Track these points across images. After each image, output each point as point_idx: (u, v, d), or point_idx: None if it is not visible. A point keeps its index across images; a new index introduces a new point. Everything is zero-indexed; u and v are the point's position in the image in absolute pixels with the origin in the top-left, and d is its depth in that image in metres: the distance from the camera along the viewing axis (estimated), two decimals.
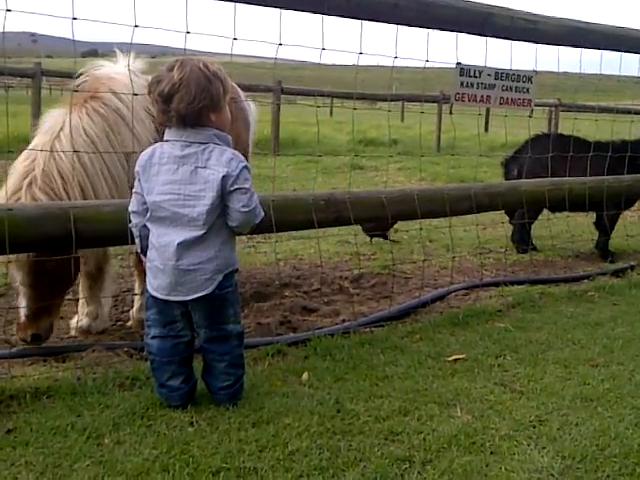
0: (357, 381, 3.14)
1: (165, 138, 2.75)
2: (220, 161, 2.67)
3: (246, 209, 2.71)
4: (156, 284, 2.74)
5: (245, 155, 4.30)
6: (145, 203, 2.75)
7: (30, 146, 3.37)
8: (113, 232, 3.11)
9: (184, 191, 2.66)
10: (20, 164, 3.28)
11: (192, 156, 2.67)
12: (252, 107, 4.66)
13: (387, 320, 4.12)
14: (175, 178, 2.67)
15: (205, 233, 2.68)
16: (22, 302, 3.26)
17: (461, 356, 3.49)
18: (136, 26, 3.14)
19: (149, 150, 2.77)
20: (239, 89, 4.55)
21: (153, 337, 2.81)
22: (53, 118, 3.45)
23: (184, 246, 2.67)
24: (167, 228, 2.69)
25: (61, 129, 3.35)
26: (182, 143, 2.69)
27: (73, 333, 3.86)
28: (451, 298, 4.71)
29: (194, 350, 2.90)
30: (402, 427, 2.69)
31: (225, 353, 2.85)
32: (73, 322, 3.92)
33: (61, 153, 3.27)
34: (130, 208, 2.83)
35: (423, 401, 2.94)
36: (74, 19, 3.02)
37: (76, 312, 3.95)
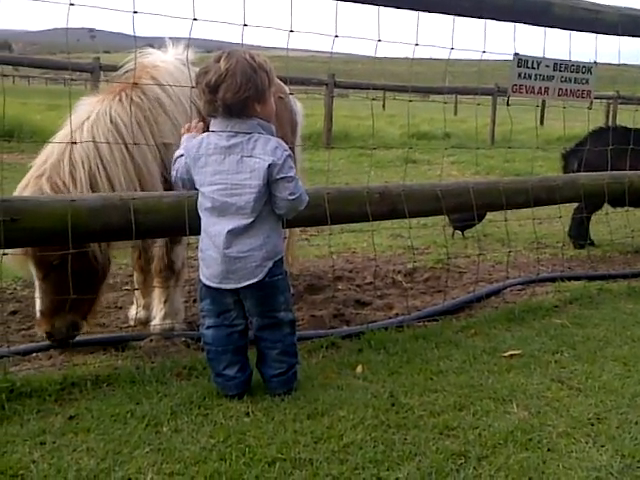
0: (411, 375, 3.13)
1: (211, 129, 2.80)
2: (265, 150, 2.73)
3: (293, 197, 2.77)
4: (209, 273, 2.80)
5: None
6: (191, 181, 2.85)
7: (54, 138, 3.36)
8: (172, 223, 3.14)
9: (231, 180, 2.72)
10: (39, 157, 3.32)
11: (238, 146, 2.74)
12: (298, 105, 4.61)
13: (441, 314, 4.10)
14: (222, 168, 2.74)
15: (253, 221, 2.74)
16: (37, 296, 3.22)
17: (517, 352, 3.45)
18: (195, 19, 3.16)
19: (196, 141, 2.82)
20: (285, 87, 4.53)
21: (208, 327, 2.87)
22: (84, 107, 3.43)
23: (233, 234, 2.73)
24: (217, 218, 2.76)
25: (87, 119, 3.33)
26: (228, 133, 2.75)
27: (132, 323, 3.93)
28: (506, 293, 4.65)
29: (248, 340, 2.94)
30: (457, 422, 2.67)
31: (277, 341, 2.89)
32: (131, 313, 3.99)
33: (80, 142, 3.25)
34: (177, 172, 2.91)
35: (478, 396, 2.91)
36: (135, 12, 3.07)
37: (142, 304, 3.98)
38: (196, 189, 2.85)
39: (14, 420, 2.58)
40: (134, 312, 3.97)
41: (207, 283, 2.81)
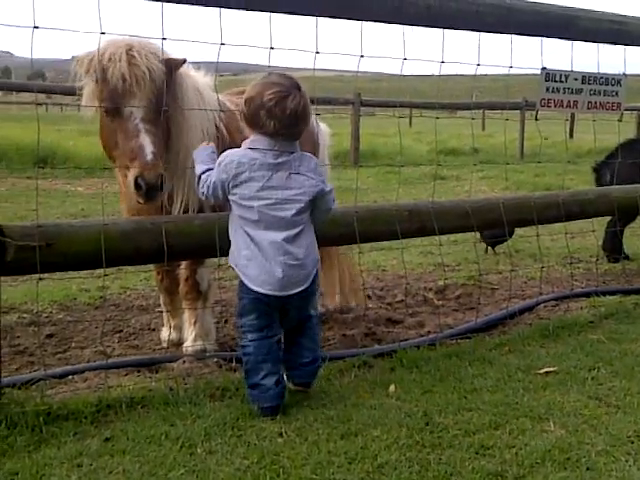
0: (445, 394, 3.10)
1: (253, 146, 2.88)
2: (310, 168, 2.94)
3: (330, 208, 3.09)
4: (263, 283, 2.86)
5: None
6: (224, 194, 2.92)
7: None
8: (203, 245, 3.17)
9: (280, 196, 2.86)
10: None
11: (286, 163, 2.88)
12: (323, 128, 4.60)
13: (474, 332, 4.06)
14: (270, 184, 2.85)
15: (301, 231, 2.91)
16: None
17: (552, 369, 3.40)
18: (222, 44, 3.20)
19: (234, 156, 2.88)
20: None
21: (251, 340, 2.93)
22: None
23: (287, 242, 2.87)
24: (264, 230, 2.86)
25: None
26: (274, 152, 2.86)
27: (165, 345, 3.95)
28: (540, 309, 4.60)
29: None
30: (493, 441, 2.64)
31: (308, 328, 3.07)
32: (164, 335, 4.02)
33: None
34: (209, 189, 2.95)
35: (514, 415, 2.88)
36: (164, 39, 3.12)
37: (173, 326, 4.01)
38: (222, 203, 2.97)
39: (51, 443, 2.60)
40: (166, 334, 3.99)
41: (262, 291, 2.87)
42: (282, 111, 2.82)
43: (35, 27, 2.77)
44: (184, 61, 3.35)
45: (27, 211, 7.85)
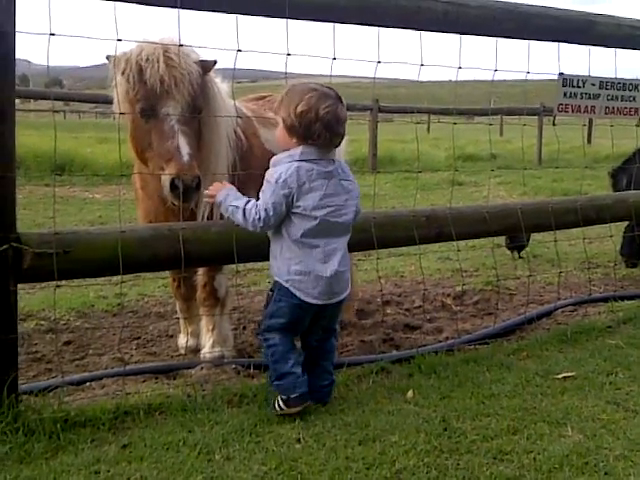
0: (463, 399, 3.09)
1: (305, 157, 2.90)
2: (349, 173, 3.06)
3: (360, 210, 3.16)
4: (316, 292, 2.92)
5: None
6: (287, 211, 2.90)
7: None
8: (220, 252, 3.18)
9: (337, 202, 2.94)
10: None
11: (335, 171, 2.97)
12: None
13: (492, 337, 4.04)
14: (328, 192, 2.92)
15: (349, 236, 3.04)
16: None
17: (570, 374, 3.38)
18: (239, 50, 3.21)
19: (289, 170, 2.88)
20: None
21: (275, 337, 2.97)
22: None
23: (342, 251, 2.98)
24: (321, 238, 2.91)
25: None
26: (325, 161, 2.94)
27: (182, 352, 3.96)
28: (558, 314, 4.58)
29: None
30: (511, 446, 2.62)
31: (331, 351, 3.15)
32: (181, 341, 4.03)
33: None
34: (267, 212, 2.88)
35: (532, 420, 2.86)
36: (180, 46, 3.14)
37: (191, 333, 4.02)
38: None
39: (69, 450, 2.61)
40: (184, 340, 4.00)
41: (312, 302, 2.91)
42: (337, 123, 2.92)
43: (51, 34, 2.80)
44: (215, 62, 3.37)
45: (45, 219, 7.91)
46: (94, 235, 3.01)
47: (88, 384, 3.37)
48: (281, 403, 2.89)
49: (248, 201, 2.94)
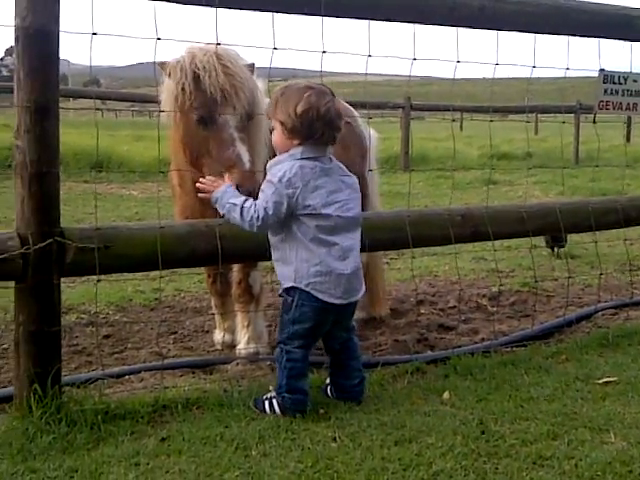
0: (501, 402, 3.05)
1: (306, 155, 2.88)
2: (344, 169, 3.03)
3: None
4: (338, 292, 2.89)
5: (360, 180, 4.27)
6: (288, 210, 2.86)
7: None
8: (256, 248, 3.18)
9: (342, 197, 2.92)
10: None
11: (334, 167, 2.97)
12: (369, 130, 4.55)
13: (530, 340, 3.99)
14: (332, 188, 2.91)
15: (356, 241, 3.00)
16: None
17: (612, 379, 3.32)
18: (275, 48, 3.21)
19: (293, 169, 2.84)
20: (354, 111, 4.50)
21: (299, 347, 2.94)
22: None
23: (357, 244, 2.98)
24: (337, 235, 2.89)
25: None
26: (325, 158, 2.93)
27: (218, 347, 3.98)
28: (598, 317, 4.49)
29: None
30: (551, 452, 2.59)
31: (356, 349, 3.12)
32: (217, 337, 4.05)
33: None
34: (266, 210, 2.84)
35: (573, 425, 2.82)
36: (218, 44, 3.14)
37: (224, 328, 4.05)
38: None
39: (109, 441, 2.65)
40: (220, 336, 4.03)
41: (336, 302, 2.90)
42: (338, 118, 2.93)
43: (94, 34, 2.84)
44: (253, 65, 3.40)
45: (84, 214, 8.01)
46: (134, 231, 3.05)
47: (127, 377, 3.41)
48: (277, 408, 2.90)
49: (246, 199, 2.92)
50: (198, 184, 3.10)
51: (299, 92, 2.89)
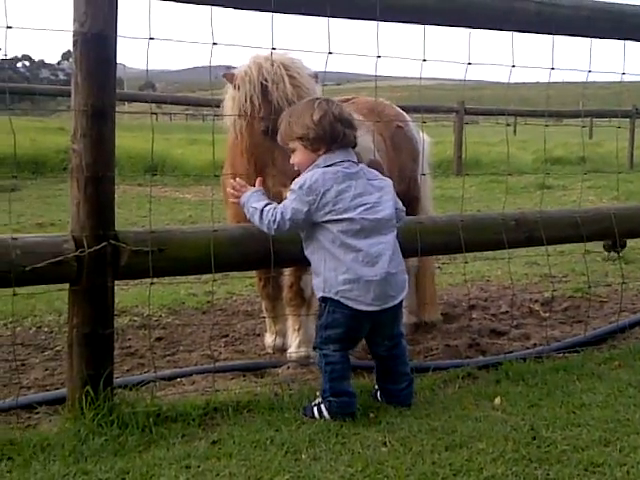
0: (552, 408, 3.02)
1: (329, 162, 2.93)
2: (374, 174, 3.04)
3: (404, 209, 3.17)
4: (369, 298, 2.87)
5: (411, 183, 4.29)
6: (307, 218, 2.90)
7: None
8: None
9: (369, 200, 2.91)
10: None
11: (359, 172, 2.97)
12: (421, 134, 4.52)
13: (582, 345, 3.94)
14: (358, 191, 2.90)
15: (394, 238, 2.97)
16: None
17: None
18: (330, 53, 3.23)
19: (314, 176, 2.89)
20: (406, 115, 4.50)
21: (335, 351, 2.96)
22: None
23: (390, 250, 2.92)
24: (365, 239, 2.88)
25: None
26: (349, 162, 2.96)
27: (269, 351, 4.02)
28: None
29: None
30: (603, 458, 2.55)
31: (403, 355, 3.10)
32: (268, 340, 4.08)
33: None
34: (284, 215, 2.90)
35: (625, 432, 2.77)
36: (273, 49, 3.17)
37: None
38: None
39: (160, 444, 2.68)
40: (270, 340, 4.06)
41: (367, 309, 2.88)
42: (351, 118, 3.03)
43: (151, 38, 2.90)
44: (317, 74, 3.44)
45: (138, 217, 8.15)
46: (187, 234, 3.10)
47: (179, 380, 3.46)
48: (325, 413, 2.90)
49: (268, 203, 2.96)
50: (228, 189, 3.14)
51: (307, 105, 2.99)
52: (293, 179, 3.04)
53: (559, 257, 6.24)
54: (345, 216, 2.86)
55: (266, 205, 2.95)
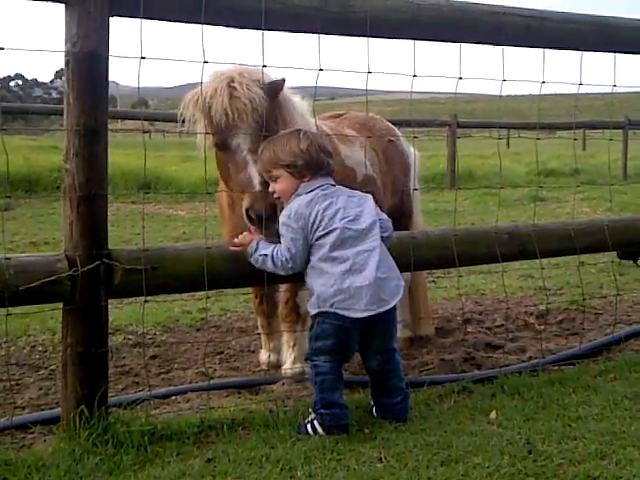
0: (548, 421, 3.01)
1: (308, 189, 3.00)
2: (353, 192, 3.12)
3: (390, 226, 3.18)
4: (362, 305, 2.89)
5: (403, 198, 4.33)
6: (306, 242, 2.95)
7: None
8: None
9: (351, 212, 2.98)
10: None
11: (338, 191, 3.05)
12: (411, 148, 4.51)
13: (578, 358, 3.94)
14: (339, 206, 2.97)
15: (379, 248, 2.98)
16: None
17: None
18: (321, 70, 3.25)
19: (295, 203, 2.97)
20: (396, 130, 4.52)
21: (325, 362, 2.97)
22: None
23: (378, 257, 2.94)
24: (353, 248, 2.92)
25: None
26: (327, 185, 3.05)
27: (264, 367, 4.00)
28: None
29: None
30: (599, 471, 2.54)
31: (396, 369, 3.09)
32: (262, 357, 4.07)
33: None
34: (290, 249, 2.95)
35: (621, 444, 2.76)
36: (264, 67, 3.19)
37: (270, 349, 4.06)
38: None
39: (156, 462, 2.67)
40: (265, 356, 4.05)
41: (362, 315, 2.89)
42: (330, 148, 3.17)
43: (142, 57, 2.90)
44: (284, 80, 3.39)
45: (132, 235, 8.15)
46: (181, 251, 3.09)
47: (174, 398, 3.45)
48: (318, 427, 2.90)
49: (274, 247, 2.99)
50: (235, 241, 3.15)
51: (292, 135, 3.08)
52: (242, 192, 3.14)
53: (553, 270, 6.24)
54: (331, 228, 2.91)
55: (274, 250, 2.99)
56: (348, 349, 3.03)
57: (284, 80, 3.38)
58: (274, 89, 3.33)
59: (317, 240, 2.93)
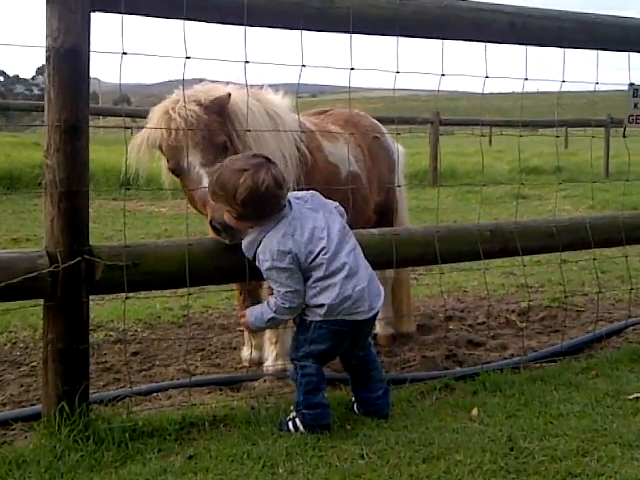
0: (530, 418, 3.03)
1: (268, 229, 2.88)
2: (302, 199, 3.02)
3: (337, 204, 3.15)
4: (367, 305, 2.92)
5: (389, 194, 4.32)
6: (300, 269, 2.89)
7: None
8: None
9: (320, 224, 2.93)
10: None
11: (295, 211, 2.93)
12: (398, 148, 4.51)
13: (559, 355, 3.95)
14: (311, 226, 2.90)
15: (357, 251, 2.99)
16: None
17: None
18: (303, 66, 3.24)
19: (267, 242, 2.87)
20: (381, 126, 4.52)
21: (314, 363, 2.97)
22: None
23: (358, 250, 3.00)
24: (341, 252, 2.91)
25: None
26: (283, 214, 2.92)
27: (246, 364, 3.99)
28: (629, 332, 4.44)
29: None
30: (581, 468, 2.56)
31: (374, 360, 3.14)
32: (244, 354, 4.06)
33: None
34: (290, 287, 2.88)
35: (603, 441, 2.78)
36: (247, 62, 3.17)
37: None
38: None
39: (137, 459, 2.66)
40: (247, 353, 4.03)
41: (365, 317, 2.92)
42: (280, 187, 2.86)
43: (124, 53, 2.87)
44: (229, 95, 3.35)
45: (113, 231, 8.10)
46: (162, 248, 3.07)
47: (155, 394, 3.43)
48: (300, 426, 2.90)
49: (267, 301, 2.97)
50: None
51: (234, 177, 2.82)
52: (203, 207, 3.13)
53: (535, 267, 6.27)
54: (318, 250, 2.87)
55: (268, 304, 2.95)
56: (340, 351, 3.04)
57: (229, 94, 3.36)
58: (219, 104, 3.31)
59: (310, 266, 2.87)
